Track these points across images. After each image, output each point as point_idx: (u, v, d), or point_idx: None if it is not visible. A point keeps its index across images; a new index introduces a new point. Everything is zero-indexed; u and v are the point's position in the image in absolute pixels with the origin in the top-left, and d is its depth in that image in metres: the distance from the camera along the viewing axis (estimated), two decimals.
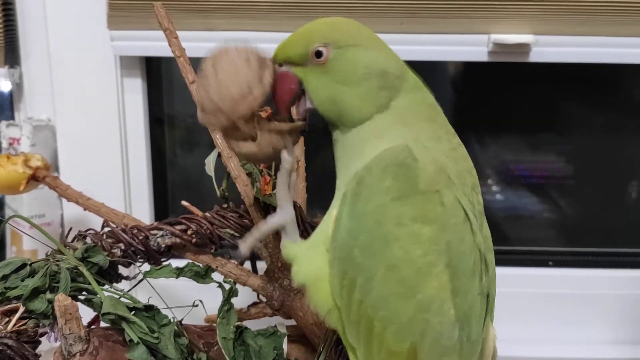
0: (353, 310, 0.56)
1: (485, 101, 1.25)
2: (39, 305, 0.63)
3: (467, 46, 1.04)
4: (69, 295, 0.65)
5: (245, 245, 0.63)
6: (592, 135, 1.25)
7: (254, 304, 0.85)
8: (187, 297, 0.84)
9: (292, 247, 0.62)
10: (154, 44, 1.01)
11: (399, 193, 0.54)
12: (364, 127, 0.58)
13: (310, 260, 0.60)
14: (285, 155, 0.60)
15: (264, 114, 0.60)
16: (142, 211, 1.18)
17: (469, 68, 1.21)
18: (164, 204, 1.25)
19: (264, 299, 0.83)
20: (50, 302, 0.64)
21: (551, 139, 1.27)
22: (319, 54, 0.57)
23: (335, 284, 0.57)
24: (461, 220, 0.56)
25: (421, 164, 0.55)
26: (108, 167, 1.14)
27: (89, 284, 0.66)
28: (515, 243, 1.28)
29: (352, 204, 0.55)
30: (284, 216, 0.62)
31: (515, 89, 1.23)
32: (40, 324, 0.64)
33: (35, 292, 0.63)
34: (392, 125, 0.58)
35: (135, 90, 1.12)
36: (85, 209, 0.87)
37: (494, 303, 0.62)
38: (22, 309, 0.63)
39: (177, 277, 0.72)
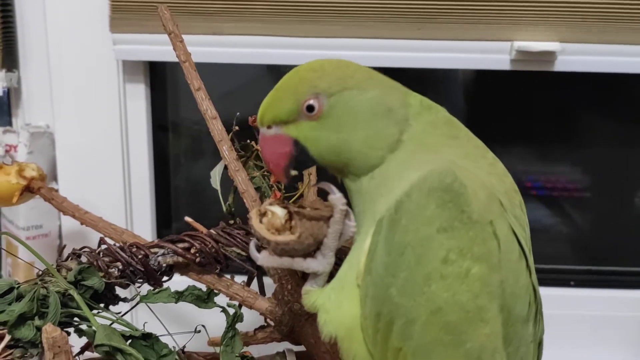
0: (389, 358, 0.49)
1: (499, 110, 1.19)
2: (25, 332, 0.58)
3: (489, 54, 0.98)
4: (59, 322, 0.60)
5: (266, 261, 0.56)
6: (613, 146, 1.20)
7: (261, 328, 0.80)
8: (190, 316, 0.79)
9: (317, 294, 0.55)
10: (159, 48, 0.97)
11: (445, 223, 0.47)
12: (381, 170, 0.52)
13: (339, 306, 0.53)
14: (338, 203, 0.54)
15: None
16: (144, 222, 1.13)
17: (483, 75, 1.15)
18: (167, 214, 1.20)
19: (272, 323, 0.77)
20: (39, 329, 0.58)
21: (570, 150, 1.22)
22: (310, 108, 0.52)
23: (367, 326, 0.51)
24: (516, 256, 0.50)
25: (470, 190, 0.48)
26: (109, 176, 1.09)
27: (82, 309, 0.61)
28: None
29: (389, 233, 0.49)
30: (323, 265, 0.55)
31: (531, 98, 1.17)
32: (28, 353, 0.59)
33: (22, 319, 0.58)
34: (413, 155, 0.52)
35: (139, 96, 1.07)
36: (82, 223, 0.82)
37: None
38: (7, 337, 0.58)
39: (176, 302, 0.66)
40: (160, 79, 1.13)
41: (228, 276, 0.76)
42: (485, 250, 0.48)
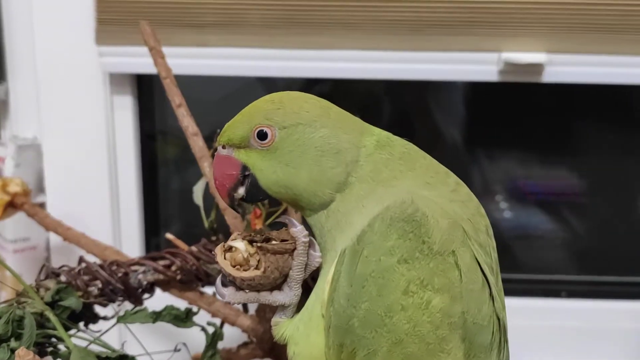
0: None
1: (496, 116, 1.19)
2: (0, 355, 0.57)
3: (476, 65, 0.98)
4: (36, 343, 0.60)
5: (233, 297, 0.55)
6: (609, 152, 1.19)
7: (244, 345, 0.80)
8: (174, 331, 0.79)
9: (285, 325, 0.55)
10: (145, 60, 0.94)
11: (406, 254, 0.47)
12: (335, 207, 0.52)
13: (307, 337, 0.53)
14: (299, 235, 0.54)
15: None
16: (132, 232, 1.12)
17: (480, 83, 1.15)
18: (155, 224, 1.19)
19: (255, 340, 0.77)
20: (14, 351, 0.58)
21: (566, 155, 1.21)
22: (262, 136, 0.52)
23: (331, 356, 0.50)
24: (479, 285, 0.50)
25: (432, 220, 0.48)
26: (97, 187, 1.08)
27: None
28: (525, 270, 1.21)
29: (350, 264, 0.49)
30: (290, 297, 0.55)
31: (528, 103, 1.17)
32: None
33: None
34: (370, 191, 0.51)
35: (126, 107, 1.07)
36: (64, 239, 0.82)
37: None
38: None
39: (154, 322, 0.66)
40: (148, 89, 1.12)
41: (210, 292, 0.76)
42: (446, 281, 0.48)
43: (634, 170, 1.18)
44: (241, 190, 0.54)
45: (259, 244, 0.53)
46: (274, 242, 0.53)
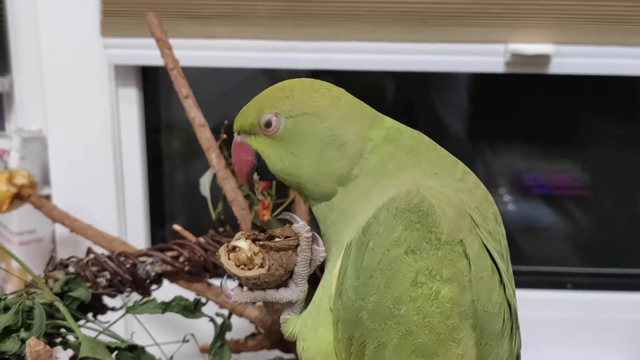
0: None
1: (501, 108, 1.18)
2: (10, 346, 0.57)
3: (482, 56, 0.97)
4: (46, 333, 0.60)
5: (239, 297, 0.55)
6: (615, 145, 1.19)
7: (252, 335, 0.80)
8: (183, 322, 0.79)
9: (294, 321, 0.55)
10: (150, 52, 0.95)
11: (413, 245, 0.47)
12: (339, 200, 0.52)
13: (315, 332, 0.52)
14: (302, 231, 0.54)
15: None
16: (138, 225, 1.12)
17: (485, 75, 1.15)
18: (161, 217, 1.19)
19: (263, 330, 0.77)
20: (24, 341, 0.58)
21: (570, 148, 1.21)
22: (268, 124, 0.53)
23: (340, 350, 0.50)
24: (488, 273, 0.49)
25: (438, 209, 0.48)
26: (102, 180, 1.08)
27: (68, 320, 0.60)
28: (530, 262, 1.21)
29: (357, 256, 0.48)
30: (296, 293, 0.55)
31: (533, 96, 1.16)
32: None
33: (7, 331, 0.57)
34: (374, 183, 0.51)
35: (131, 100, 1.06)
36: (71, 231, 0.82)
37: None
38: None
39: (162, 313, 0.66)
40: (153, 82, 1.12)
41: (218, 284, 0.76)
42: (455, 271, 0.47)
43: (637, 163, 1.18)
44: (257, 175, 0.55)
45: (262, 242, 0.53)
46: (277, 239, 0.53)
